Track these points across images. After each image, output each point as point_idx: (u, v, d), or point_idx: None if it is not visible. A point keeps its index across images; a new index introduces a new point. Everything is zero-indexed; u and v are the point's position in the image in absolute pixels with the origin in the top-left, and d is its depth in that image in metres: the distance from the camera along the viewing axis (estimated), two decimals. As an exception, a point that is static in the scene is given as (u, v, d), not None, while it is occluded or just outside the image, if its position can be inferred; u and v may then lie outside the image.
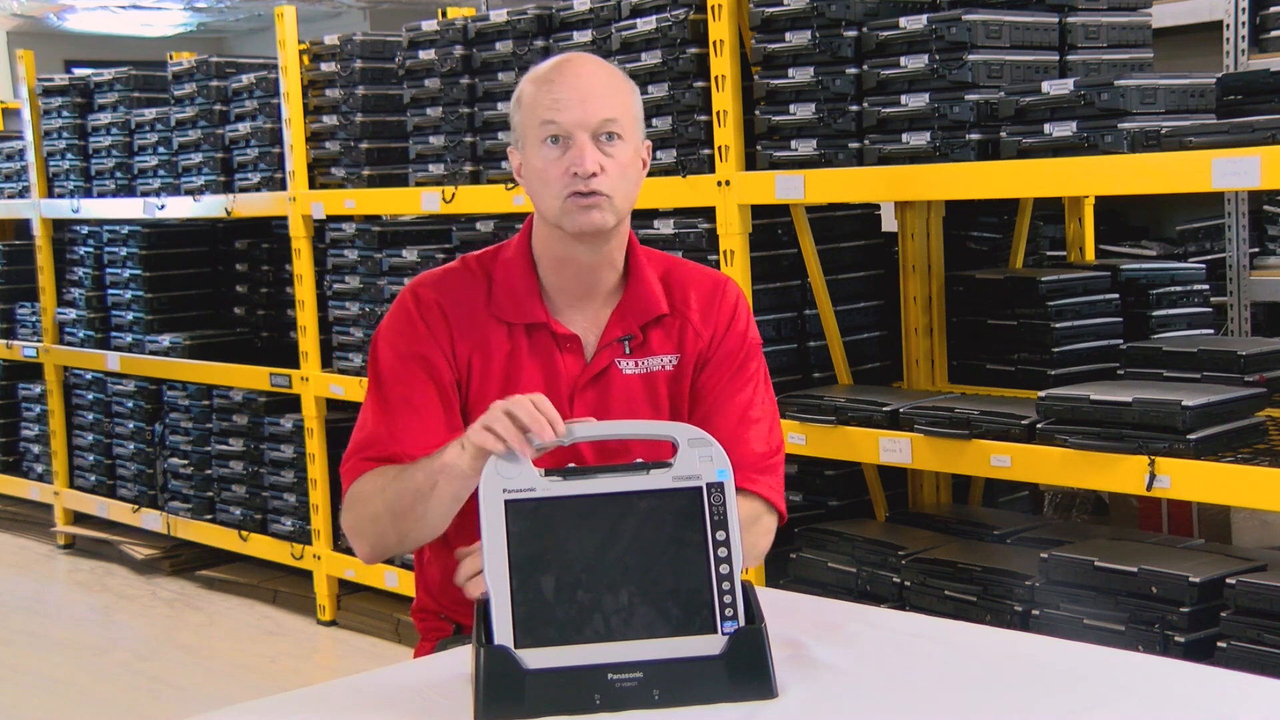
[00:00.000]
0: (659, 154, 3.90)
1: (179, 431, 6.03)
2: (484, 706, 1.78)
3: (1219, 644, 3.04)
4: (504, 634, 1.80)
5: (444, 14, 5.10)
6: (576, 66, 2.23)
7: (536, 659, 1.79)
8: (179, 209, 5.83)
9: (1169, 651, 3.04)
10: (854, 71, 3.56)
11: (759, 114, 3.75)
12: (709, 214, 3.88)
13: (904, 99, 3.45)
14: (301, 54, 5.22)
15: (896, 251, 4.11)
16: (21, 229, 7.30)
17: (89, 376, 6.59)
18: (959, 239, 4.30)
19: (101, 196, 6.32)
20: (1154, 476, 3.03)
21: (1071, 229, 4.40)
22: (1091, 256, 4.42)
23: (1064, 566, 3.30)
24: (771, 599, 2.10)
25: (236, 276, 6.11)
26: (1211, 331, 4.04)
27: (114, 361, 6.22)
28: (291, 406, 5.48)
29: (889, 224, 4.31)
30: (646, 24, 3.94)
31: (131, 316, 6.22)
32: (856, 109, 3.56)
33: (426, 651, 2.33)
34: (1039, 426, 3.26)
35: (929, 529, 3.86)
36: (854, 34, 3.55)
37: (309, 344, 5.28)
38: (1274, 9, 3.90)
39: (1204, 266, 4.17)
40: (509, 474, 1.87)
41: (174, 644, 5.27)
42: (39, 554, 6.71)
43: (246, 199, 5.48)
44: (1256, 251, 4.61)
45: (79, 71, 7.06)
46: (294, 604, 5.53)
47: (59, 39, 12.33)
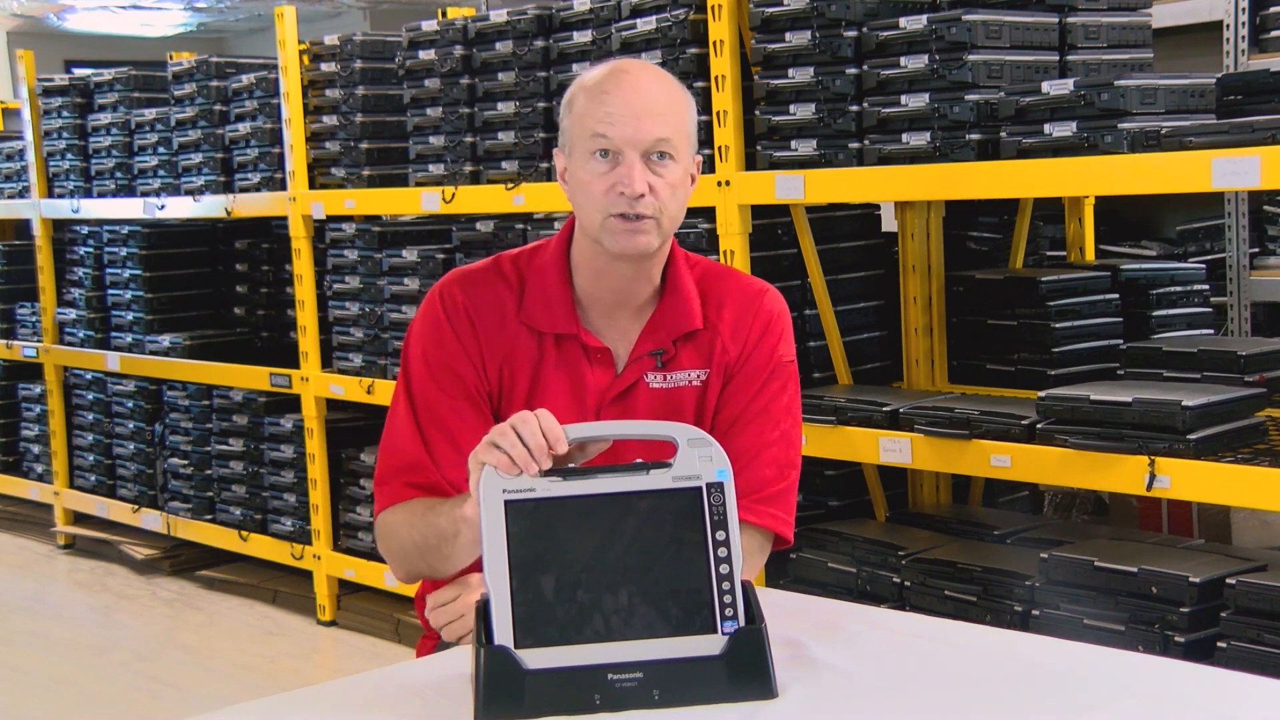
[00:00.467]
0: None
1: (179, 431, 6.03)
2: (484, 706, 1.78)
3: (1219, 644, 3.04)
4: (504, 634, 1.80)
5: (444, 14, 5.11)
6: (635, 79, 2.16)
7: (536, 659, 1.79)
8: (179, 209, 5.83)
9: (1169, 651, 3.04)
10: (854, 71, 3.56)
11: (759, 114, 3.75)
12: (709, 214, 3.88)
13: (904, 99, 3.45)
14: (301, 54, 5.22)
15: (896, 251, 4.11)
16: (21, 229, 7.30)
17: (89, 376, 6.59)
18: (959, 239, 4.30)
19: (101, 196, 6.32)
20: (1154, 476, 3.03)
21: (1071, 229, 4.40)
22: (1091, 256, 4.42)
23: (1064, 566, 3.30)
24: (771, 599, 2.10)
25: (236, 276, 6.11)
26: (1211, 331, 4.04)
27: (114, 361, 6.22)
28: (291, 406, 5.48)
29: (889, 224, 4.31)
30: (646, 24, 3.94)
31: (131, 316, 6.22)
32: (856, 109, 3.56)
33: (429, 648, 2.33)
34: (1039, 426, 3.26)
35: (929, 529, 3.86)
36: (854, 34, 3.55)
37: (309, 344, 5.28)
38: (1274, 9, 3.90)
39: (1204, 266, 4.17)
40: (509, 474, 1.87)
41: (174, 644, 5.27)
42: (39, 554, 6.71)
43: (246, 199, 5.48)
44: (1256, 251, 4.61)
45: (79, 71, 7.06)
46: (294, 604, 5.53)
47: (59, 39, 12.33)
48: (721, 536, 1.86)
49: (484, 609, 1.83)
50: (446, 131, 4.61)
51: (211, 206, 5.63)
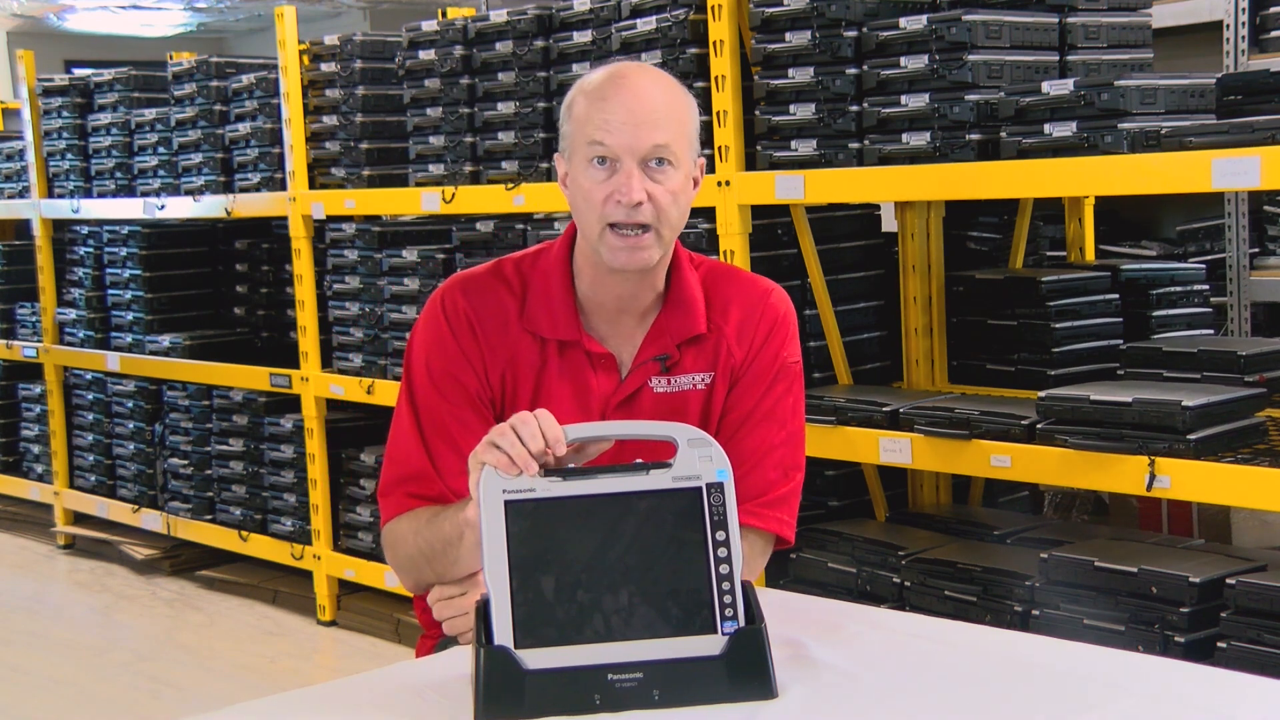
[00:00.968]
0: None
1: (179, 431, 6.03)
2: (484, 706, 1.78)
3: (1219, 644, 3.04)
4: (504, 634, 1.79)
5: (444, 14, 5.11)
6: (633, 84, 2.14)
7: (536, 659, 1.79)
8: (179, 209, 5.83)
9: (1169, 651, 3.04)
10: (854, 71, 3.55)
11: (759, 114, 3.75)
12: (709, 214, 3.88)
13: (904, 99, 3.45)
14: (301, 54, 5.22)
15: (896, 251, 4.11)
16: (21, 229, 7.30)
17: (89, 376, 6.59)
18: (959, 239, 4.30)
19: (101, 196, 6.32)
20: (1154, 476, 3.03)
21: (1071, 229, 4.40)
22: (1091, 256, 4.42)
23: (1064, 566, 3.30)
24: (771, 599, 2.10)
25: (236, 276, 6.11)
26: (1211, 331, 4.04)
27: (114, 361, 6.22)
28: (291, 406, 5.48)
29: (889, 224, 4.31)
30: (646, 24, 3.94)
31: (131, 316, 6.22)
32: (856, 109, 3.56)
33: (428, 648, 2.33)
34: (1039, 426, 3.26)
35: (929, 529, 3.86)
36: (854, 34, 3.55)
37: (309, 344, 5.28)
38: (1274, 9, 3.90)
39: (1204, 266, 4.17)
40: (509, 474, 1.87)
41: (174, 644, 5.27)
42: (39, 554, 6.71)
43: (246, 199, 5.48)
44: (1256, 251, 4.61)
45: (79, 71, 7.06)
46: (294, 604, 5.53)
47: (59, 39, 12.33)
48: (721, 536, 1.85)
49: (484, 609, 1.83)
50: (446, 131, 4.61)
51: (211, 206, 5.63)
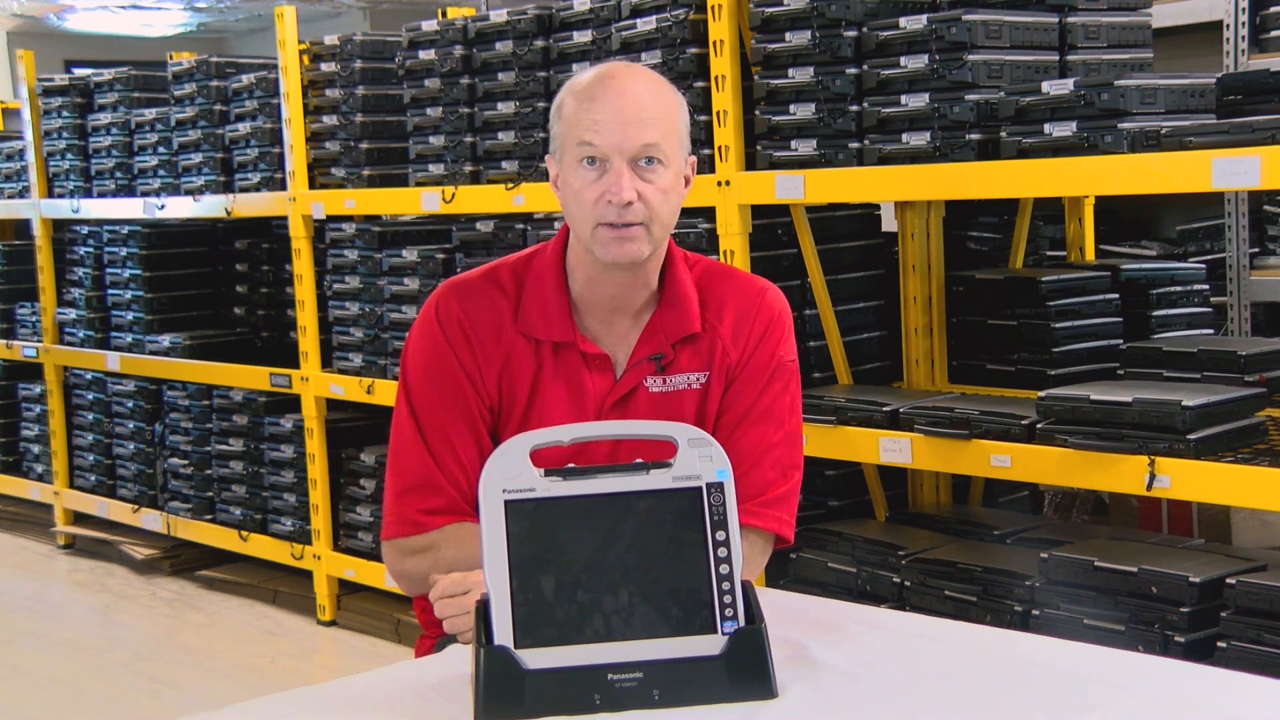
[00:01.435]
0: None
1: (179, 431, 6.03)
2: (484, 706, 1.78)
3: (1219, 644, 3.04)
4: (504, 634, 1.79)
5: (444, 14, 5.11)
6: (621, 84, 2.14)
7: (536, 659, 1.79)
8: (179, 209, 5.83)
9: (1169, 651, 3.04)
10: (854, 71, 3.55)
11: (759, 114, 3.75)
12: (709, 214, 3.88)
13: (904, 99, 3.45)
14: (301, 54, 5.22)
15: (896, 251, 4.11)
16: (21, 229, 7.30)
17: (89, 376, 6.59)
18: (959, 239, 4.30)
19: (101, 196, 6.32)
20: (1154, 476, 3.03)
21: (1071, 229, 4.40)
22: (1091, 256, 4.42)
23: (1064, 566, 3.30)
24: (771, 599, 2.10)
25: (236, 276, 6.11)
26: (1211, 331, 4.04)
27: (114, 361, 6.22)
28: (291, 406, 5.47)
29: (889, 224, 4.31)
30: (646, 24, 3.94)
31: (131, 316, 6.22)
32: (856, 109, 3.56)
33: (428, 648, 2.33)
34: (1039, 426, 3.26)
35: (929, 529, 3.86)
36: (854, 34, 3.55)
37: (309, 344, 5.28)
38: (1274, 9, 3.89)
39: (1204, 266, 4.17)
40: (509, 474, 1.87)
41: (174, 644, 5.26)
42: (39, 554, 6.71)
43: (246, 199, 5.48)
44: (1256, 251, 4.61)
45: (79, 71, 7.07)
46: (294, 604, 5.53)
47: (59, 39, 12.33)
48: (721, 536, 1.85)
49: (484, 609, 1.83)
50: (446, 131, 4.61)
51: (211, 206, 5.63)
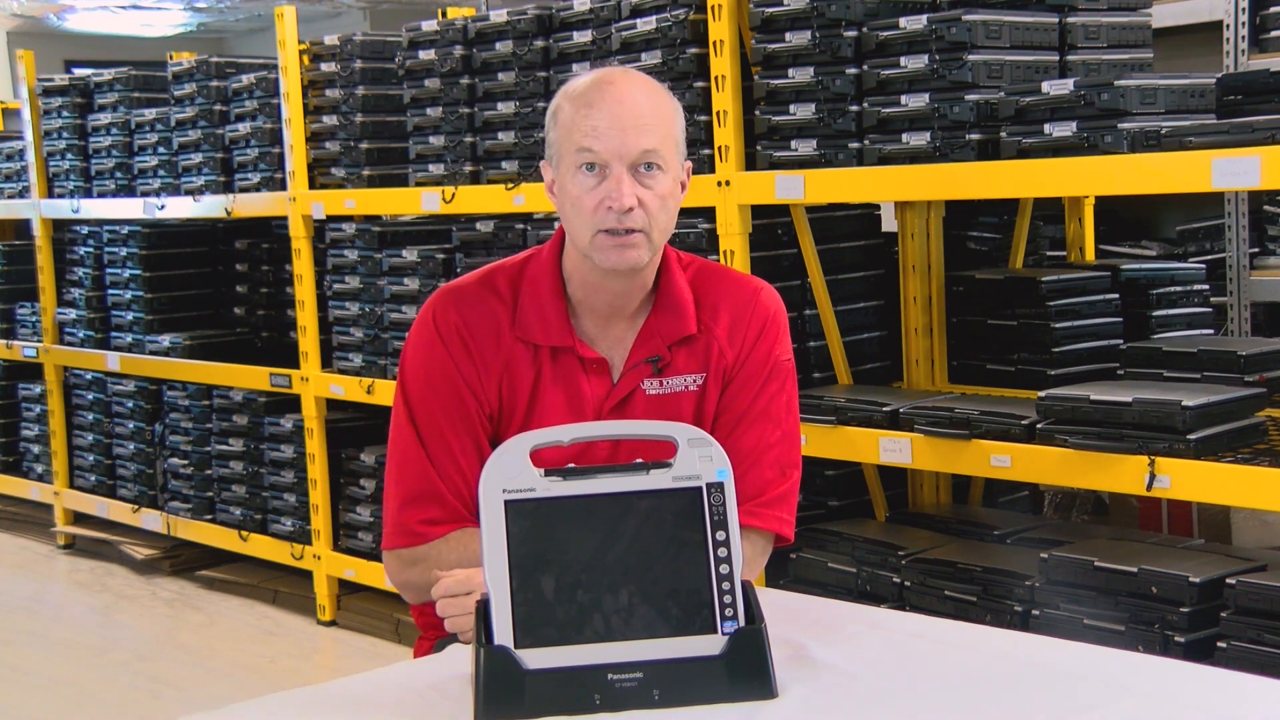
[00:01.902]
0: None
1: (179, 431, 6.03)
2: (484, 706, 1.78)
3: (1219, 644, 3.04)
4: (504, 634, 1.80)
5: (444, 14, 5.11)
6: (618, 90, 2.14)
7: (536, 659, 1.79)
8: (179, 209, 5.83)
9: (1169, 651, 3.04)
10: (854, 71, 3.55)
11: (759, 114, 3.75)
12: (709, 214, 3.88)
13: (904, 99, 3.45)
14: (301, 54, 5.22)
15: (896, 251, 4.11)
16: (21, 229, 7.30)
17: (89, 376, 6.59)
18: (959, 239, 4.30)
19: (101, 196, 6.32)
20: (1154, 476, 3.03)
21: (1071, 229, 4.40)
22: (1091, 256, 4.42)
23: (1064, 566, 3.30)
24: (771, 599, 2.10)
25: (236, 276, 6.11)
26: (1211, 331, 4.04)
27: (114, 361, 6.22)
28: (291, 406, 5.47)
29: (889, 224, 4.31)
30: (646, 24, 3.94)
31: (131, 316, 6.22)
32: (856, 109, 3.56)
33: (426, 649, 2.33)
34: (1039, 426, 3.26)
35: (929, 529, 3.86)
36: (854, 34, 3.55)
37: (309, 344, 5.28)
38: (1274, 9, 3.89)
39: (1204, 266, 4.17)
40: (509, 474, 1.87)
41: (174, 644, 5.27)
42: (39, 554, 6.71)
43: (246, 199, 5.48)
44: (1256, 251, 4.61)
45: (79, 71, 7.07)
46: (294, 604, 5.53)
47: (59, 39, 12.33)
48: (721, 536, 1.85)
49: (484, 609, 1.83)
50: (446, 131, 4.61)
51: (211, 206, 5.63)
